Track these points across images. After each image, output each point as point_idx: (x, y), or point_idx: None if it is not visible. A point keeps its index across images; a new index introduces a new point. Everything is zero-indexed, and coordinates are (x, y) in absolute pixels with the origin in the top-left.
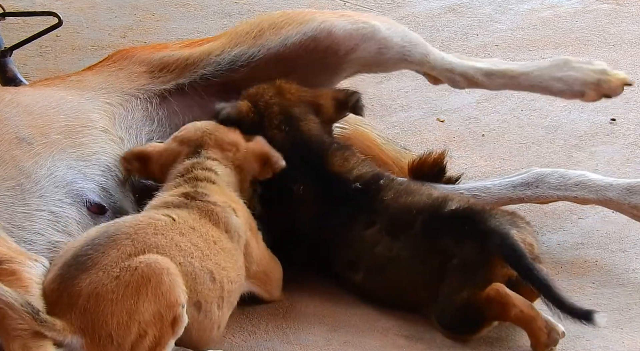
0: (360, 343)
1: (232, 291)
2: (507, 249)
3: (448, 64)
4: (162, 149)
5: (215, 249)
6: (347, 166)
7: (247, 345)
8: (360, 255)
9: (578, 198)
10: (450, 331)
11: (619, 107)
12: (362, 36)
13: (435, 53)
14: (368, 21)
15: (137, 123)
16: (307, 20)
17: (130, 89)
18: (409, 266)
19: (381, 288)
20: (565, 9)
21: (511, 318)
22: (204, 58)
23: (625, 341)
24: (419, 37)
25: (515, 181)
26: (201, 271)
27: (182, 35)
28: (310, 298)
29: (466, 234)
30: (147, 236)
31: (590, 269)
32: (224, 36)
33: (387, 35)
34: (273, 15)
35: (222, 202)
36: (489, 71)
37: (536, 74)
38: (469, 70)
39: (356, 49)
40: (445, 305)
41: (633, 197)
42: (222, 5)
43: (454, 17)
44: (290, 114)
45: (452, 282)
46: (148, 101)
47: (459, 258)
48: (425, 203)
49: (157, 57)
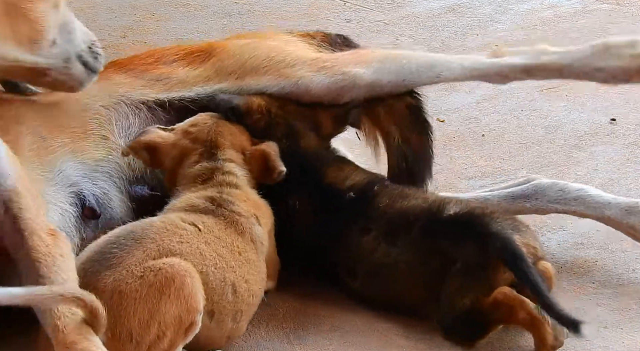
0: (360, 343)
1: (253, 305)
2: (508, 252)
3: (477, 69)
4: (171, 142)
5: (241, 260)
6: (340, 176)
7: (247, 345)
8: (357, 262)
9: (577, 212)
10: (454, 337)
11: (619, 107)
12: (341, 88)
13: (455, 64)
14: (347, 71)
15: (133, 128)
16: (286, 75)
17: (117, 95)
18: (408, 271)
19: (380, 294)
20: (566, 9)
21: (519, 321)
22: (186, 84)
23: (625, 341)
24: (430, 58)
25: (515, 192)
26: (222, 282)
27: (182, 35)
28: (310, 298)
29: (467, 238)
30: (173, 243)
31: (591, 269)
32: (216, 61)
33: (373, 79)
34: (259, 54)
35: (246, 211)
36: (527, 67)
37: (577, 66)
38: (504, 68)
39: (340, 99)
40: (446, 310)
41: (631, 217)
42: (222, 5)
43: (453, 17)
44: (292, 128)
45: (453, 286)
46: (134, 107)
47: (461, 261)
48: (422, 207)
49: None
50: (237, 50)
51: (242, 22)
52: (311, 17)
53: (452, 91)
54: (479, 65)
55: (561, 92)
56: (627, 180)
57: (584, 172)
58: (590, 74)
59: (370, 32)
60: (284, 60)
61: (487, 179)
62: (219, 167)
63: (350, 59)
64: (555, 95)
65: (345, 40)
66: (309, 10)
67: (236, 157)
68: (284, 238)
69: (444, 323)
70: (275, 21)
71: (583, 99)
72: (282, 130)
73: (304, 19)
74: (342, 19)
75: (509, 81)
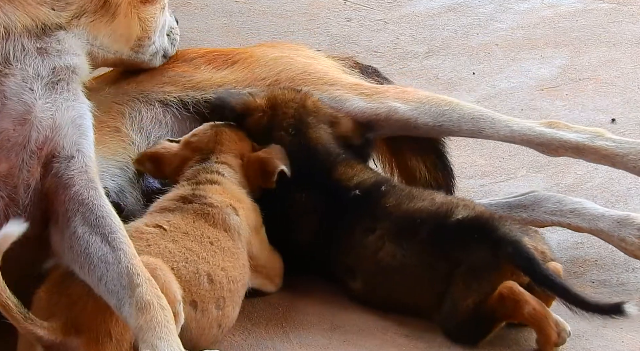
0: (359, 342)
1: (236, 290)
2: (521, 257)
3: (526, 135)
4: (174, 153)
5: (213, 250)
6: (349, 173)
7: (247, 344)
8: (359, 262)
9: (572, 225)
10: (456, 338)
11: (619, 107)
12: (375, 116)
13: (502, 124)
14: (386, 102)
15: (146, 125)
16: (324, 90)
17: (131, 92)
18: (414, 273)
19: (381, 295)
20: (566, 8)
21: (524, 316)
22: (214, 87)
23: (625, 341)
24: (476, 112)
25: (512, 203)
26: (196, 274)
27: (183, 34)
28: (310, 297)
29: (476, 243)
30: (141, 248)
31: (590, 268)
32: (243, 68)
33: (409, 117)
34: (295, 68)
35: (220, 202)
36: (579, 146)
37: (631, 158)
38: (554, 142)
39: (372, 125)
40: (450, 313)
41: (622, 230)
42: (222, 4)
43: (454, 16)
44: (302, 120)
45: (457, 288)
46: (149, 103)
47: (466, 264)
48: (429, 210)
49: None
50: (270, 61)
51: (243, 21)
52: (311, 16)
53: (453, 90)
54: (528, 131)
55: (561, 91)
56: (627, 180)
57: (583, 172)
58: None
59: (371, 31)
60: (322, 77)
61: (487, 179)
62: (207, 167)
63: (391, 92)
64: (556, 94)
65: (376, 72)
66: (309, 9)
67: (232, 161)
68: (285, 237)
69: (447, 326)
70: (276, 20)
71: (583, 99)
72: (289, 122)
73: (304, 17)
74: (343, 18)
75: (557, 155)
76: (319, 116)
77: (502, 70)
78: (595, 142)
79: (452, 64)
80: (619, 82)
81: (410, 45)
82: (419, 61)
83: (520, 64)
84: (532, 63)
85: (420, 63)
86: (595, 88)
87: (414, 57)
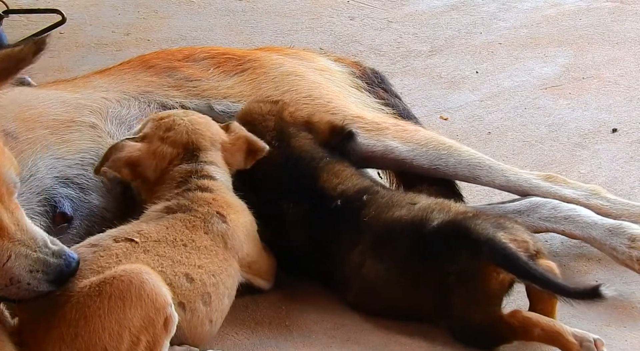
0: (362, 341)
1: (218, 284)
2: (498, 255)
3: (521, 187)
4: (149, 151)
5: (187, 251)
6: (333, 182)
7: (250, 343)
8: (349, 276)
9: (566, 232)
10: (469, 345)
11: (623, 106)
12: (371, 152)
13: (498, 173)
14: (383, 140)
15: (130, 120)
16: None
17: (132, 91)
18: (401, 287)
19: (374, 306)
20: (569, 7)
21: (535, 339)
22: (217, 93)
23: (628, 339)
24: (474, 159)
25: (508, 208)
26: (175, 276)
27: (186, 33)
28: (313, 296)
29: (456, 249)
30: (111, 264)
31: (593, 267)
32: (251, 80)
33: (404, 157)
34: (301, 90)
35: (204, 213)
36: (573, 202)
37: (624, 219)
38: (547, 197)
39: (366, 161)
40: (459, 326)
41: (614, 239)
42: (225, 2)
43: (457, 15)
44: (283, 131)
45: (459, 303)
46: (146, 104)
47: (454, 275)
48: (405, 220)
49: (175, 75)
50: (278, 76)
51: (245, 20)
52: (315, 15)
53: (456, 89)
54: (524, 183)
55: (565, 90)
56: (631, 178)
57: (587, 170)
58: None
59: (374, 29)
60: (326, 105)
61: None
62: (198, 170)
63: (391, 130)
64: (559, 93)
65: (381, 81)
66: (313, 8)
67: (216, 157)
68: (281, 243)
69: (458, 336)
70: (279, 19)
71: (587, 97)
72: (271, 135)
73: (307, 16)
74: (346, 17)
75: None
76: (297, 125)
77: (505, 69)
78: (590, 201)
79: (456, 62)
80: (622, 80)
81: (413, 43)
82: (422, 59)
83: (523, 62)
84: (536, 62)
85: (423, 62)
86: (599, 87)
87: (417, 55)
